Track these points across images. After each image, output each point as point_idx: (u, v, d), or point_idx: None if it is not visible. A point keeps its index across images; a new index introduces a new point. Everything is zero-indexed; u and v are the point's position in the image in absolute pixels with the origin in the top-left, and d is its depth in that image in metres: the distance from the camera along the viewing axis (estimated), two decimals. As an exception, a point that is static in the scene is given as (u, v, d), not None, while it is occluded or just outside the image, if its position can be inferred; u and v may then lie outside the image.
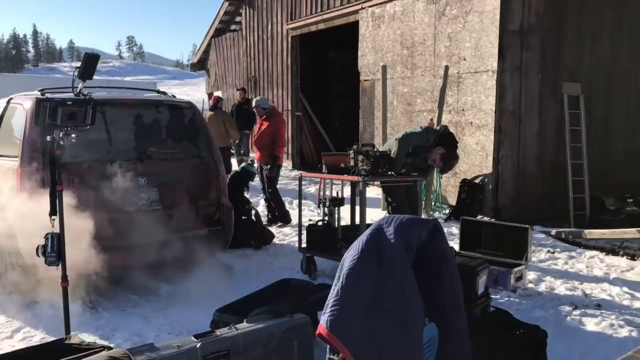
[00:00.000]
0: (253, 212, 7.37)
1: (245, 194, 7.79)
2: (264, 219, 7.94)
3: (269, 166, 8.10)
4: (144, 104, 5.73)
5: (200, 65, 21.41)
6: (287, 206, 8.52)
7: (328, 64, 15.38)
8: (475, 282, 4.33)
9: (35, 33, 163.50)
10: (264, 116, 8.23)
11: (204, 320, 3.95)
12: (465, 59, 8.64)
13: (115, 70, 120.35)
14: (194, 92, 58.27)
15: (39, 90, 5.34)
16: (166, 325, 4.40)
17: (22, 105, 5.34)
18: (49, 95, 5.13)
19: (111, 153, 5.17)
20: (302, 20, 13.40)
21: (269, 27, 15.06)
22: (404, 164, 5.71)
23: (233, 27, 18.46)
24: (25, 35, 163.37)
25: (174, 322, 4.43)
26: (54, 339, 3.90)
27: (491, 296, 4.69)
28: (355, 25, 11.33)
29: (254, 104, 8.40)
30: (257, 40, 15.84)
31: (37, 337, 4.22)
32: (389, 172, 5.48)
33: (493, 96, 8.21)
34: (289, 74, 14.30)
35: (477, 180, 8.50)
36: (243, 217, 7.01)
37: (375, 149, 5.69)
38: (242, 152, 12.83)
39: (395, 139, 5.97)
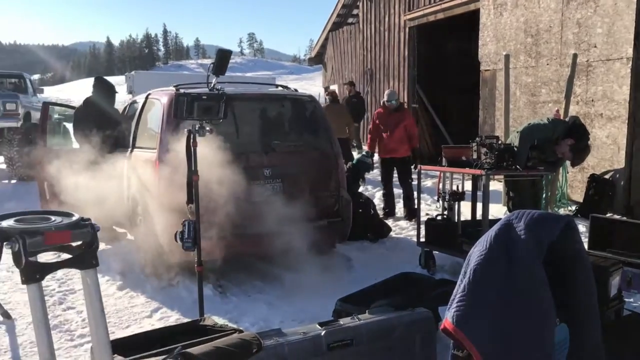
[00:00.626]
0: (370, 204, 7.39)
1: (360, 187, 7.82)
2: (380, 213, 7.95)
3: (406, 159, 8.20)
4: (269, 98, 5.95)
5: (317, 59, 21.75)
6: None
7: (445, 54, 15.03)
8: (608, 283, 4.07)
9: (165, 32, 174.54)
10: (395, 109, 8.21)
11: (325, 309, 4.03)
12: (595, 46, 8.09)
13: (237, 67, 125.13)
14: (310, 87, 59.33)
15: (174, 86, 5.69)
16: (290, 312, 4.55)
17: (160, 100, 5.72)
18: (183, 91, 5.46)
19: (239, 145, 5.40)
20: (420, 11, 13.21)
21: (386, 19, 14.99)
22: (529, 158, 5.46)
23: (350, 20, 18.56)
24: (156, 35, 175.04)
25: (297, 310, 4.57)
26: (188, 320, 4.19)
27: (624, 299, 4.39)
28: (475, 13, 10.97)
29: (386, 97, 8.25)
30: (374, 32, 15.82)
31: (173, 317, 4.53)
32: (514, 166, 5.27)
33: (627, 85, 7.62)
34: (406, 66, 14.15)
35: (607, 176, 7.95)
36: (359, 210, 7.06)
37: (500, 142, 5.50)
38: (354, 144, 12.90)
39: (517, 132, 5.73)
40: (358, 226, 6.39)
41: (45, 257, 2.32)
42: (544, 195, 7.25)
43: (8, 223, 1.66)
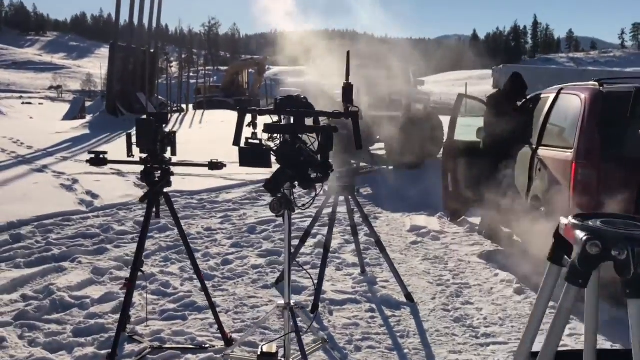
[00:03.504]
0: None
1: None
2: None
3: None
4: None
5: None
6: None
7: None
8: None
9: (535, 24, 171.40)
10: None
11: None
12: None
13: (615, 61, 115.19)
14: None
15: (595, 80, 5.43)
16: None
17: (578, 96, 5.48)
18: (606, 86, 5.18)
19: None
20: None
21: None
22: None
23: None
24: (525, 27, 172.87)
25: None
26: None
27: None
28: None
29: None
30: None
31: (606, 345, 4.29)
32: None
33: None
34: None
35: None
36: None
37: None
38: None
39: None
40: None
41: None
42: None
43: (595, 224, 1.60)
